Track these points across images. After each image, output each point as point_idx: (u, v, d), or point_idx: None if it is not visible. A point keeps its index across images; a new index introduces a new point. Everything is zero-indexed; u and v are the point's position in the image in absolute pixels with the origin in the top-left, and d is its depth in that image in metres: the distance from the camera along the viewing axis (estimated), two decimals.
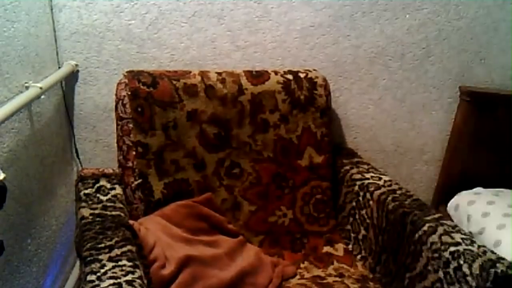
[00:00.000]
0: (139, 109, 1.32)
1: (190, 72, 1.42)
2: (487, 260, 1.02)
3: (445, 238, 1.11)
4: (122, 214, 1.14)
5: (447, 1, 1.57)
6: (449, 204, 1.67)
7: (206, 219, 1.34)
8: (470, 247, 1.07)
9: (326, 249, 1.45)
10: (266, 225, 1.44)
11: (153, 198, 1.33)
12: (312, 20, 1.55)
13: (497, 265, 1.00)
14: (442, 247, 1.10)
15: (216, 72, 1.44)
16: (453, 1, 1.57)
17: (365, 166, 1.52)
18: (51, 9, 1.42)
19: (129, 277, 0.89)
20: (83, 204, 1.16)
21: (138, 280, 0.89)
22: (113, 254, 0.96)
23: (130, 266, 0.93)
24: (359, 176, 1.46)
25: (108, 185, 1.25)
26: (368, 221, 1.38)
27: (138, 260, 0.98)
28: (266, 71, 1.48)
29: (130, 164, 1.33)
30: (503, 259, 1.03)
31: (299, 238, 1.47)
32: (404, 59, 1.64)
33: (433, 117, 1.73)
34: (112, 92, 1.38)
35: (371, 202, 1.37)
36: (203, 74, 1.42)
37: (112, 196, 1.21)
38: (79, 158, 1.62)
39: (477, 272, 1.01)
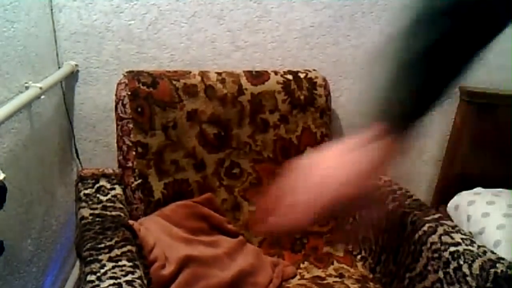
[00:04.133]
0: (139, 109, 1.32)
1: (190, 72, 1.42)
2: (487, 260, 1.02)
3: (445, 238, 1.11)
4: (122, 214, 1.14)
5: None
6: (449, 204, 1.67)
7: (206, 219, 1.34)
8: (470, 247, 1.07)
9: (326, 249, 1.45)
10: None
11: (153, 198, 1.33)
12: (312, 20, 1.55)
13: (497, 265, 1.00)
14: (442, 247, 1.10)
15: (216, 72, 1.44)
16: None
17: None
18: (51, 9, 1.42)
19: (129, 277, 0.89)
20: (83, 204, 1.16)
21: (138, 280, 0.89)
22: (113, 254, 0.96)
23: (130, 266, 0.93)
24: None
25: (108, 185, 1.25)
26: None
27: (138, 260, 0.98)
28: (266, 71, 1.48)
29: (130, 164, 1.33)
30: (503, 259, 1.03)
31: (299, 239, 1.46)
32: None
33: (433, 117, 1.71)
34: (112, 92, 1.38)
35: None
36: (203, 74, 1.42)
37: (112, 196, 1.21)
38: (79, 158, 1.61)
39: (477, 272, 1.01)
